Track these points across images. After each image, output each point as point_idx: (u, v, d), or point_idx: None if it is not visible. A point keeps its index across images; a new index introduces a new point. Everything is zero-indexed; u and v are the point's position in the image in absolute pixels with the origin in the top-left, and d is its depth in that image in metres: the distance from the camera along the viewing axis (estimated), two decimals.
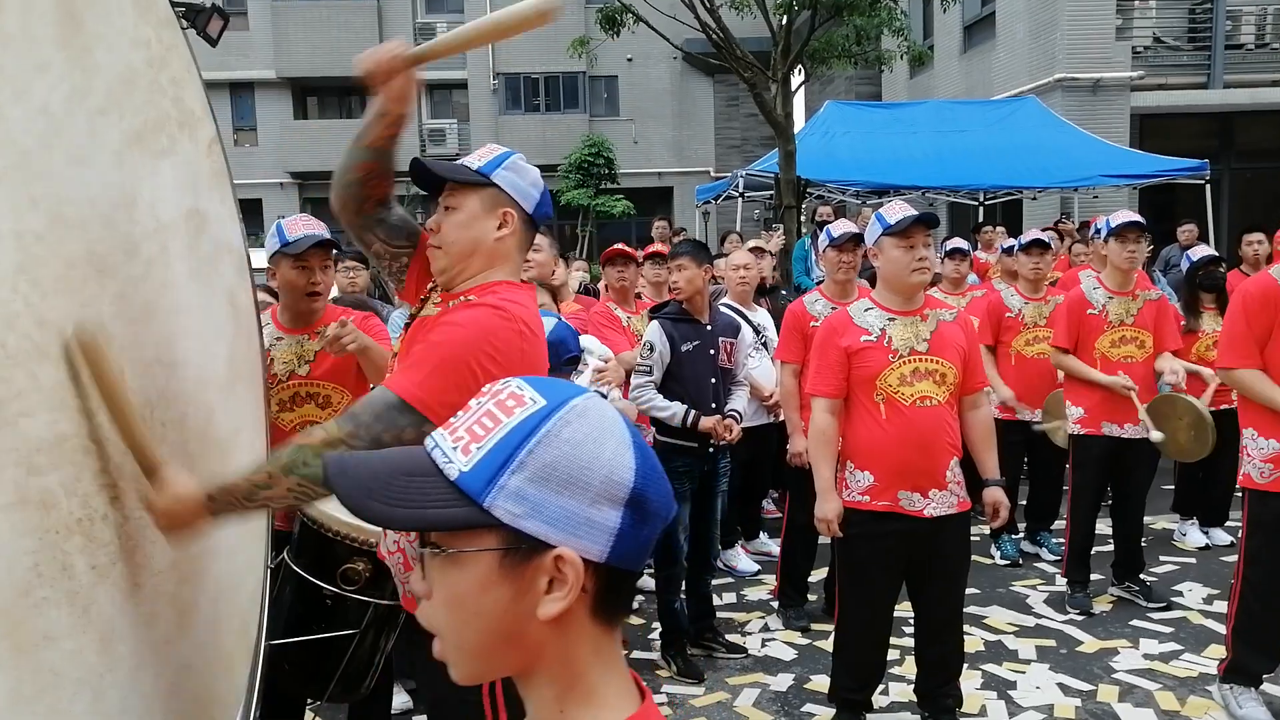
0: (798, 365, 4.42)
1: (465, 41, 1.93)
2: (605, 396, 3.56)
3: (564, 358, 2.90)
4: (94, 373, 1.33)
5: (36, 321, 1.20)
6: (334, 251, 3.19)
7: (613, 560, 0.83)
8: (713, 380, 4.07)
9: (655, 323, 4.09)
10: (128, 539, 1.39)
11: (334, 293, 5.17)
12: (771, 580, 5.17)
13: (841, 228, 4.47)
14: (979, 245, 9.00)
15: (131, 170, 1.53)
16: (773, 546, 5.70)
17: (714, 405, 4.04)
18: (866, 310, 3.32)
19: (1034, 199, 13.33)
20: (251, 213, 20.95)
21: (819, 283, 6.85)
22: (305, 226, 3.05)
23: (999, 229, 9.72)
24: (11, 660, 1.08)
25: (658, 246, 5.81)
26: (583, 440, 0.82)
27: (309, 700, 2.67)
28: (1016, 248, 5.76)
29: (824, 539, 3.61)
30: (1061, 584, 4.91)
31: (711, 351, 4.08)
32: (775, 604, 4.82)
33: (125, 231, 1.49)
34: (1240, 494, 3.50)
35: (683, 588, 4.17)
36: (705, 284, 4.10)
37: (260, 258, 3.04)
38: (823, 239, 4.59)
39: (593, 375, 3.53)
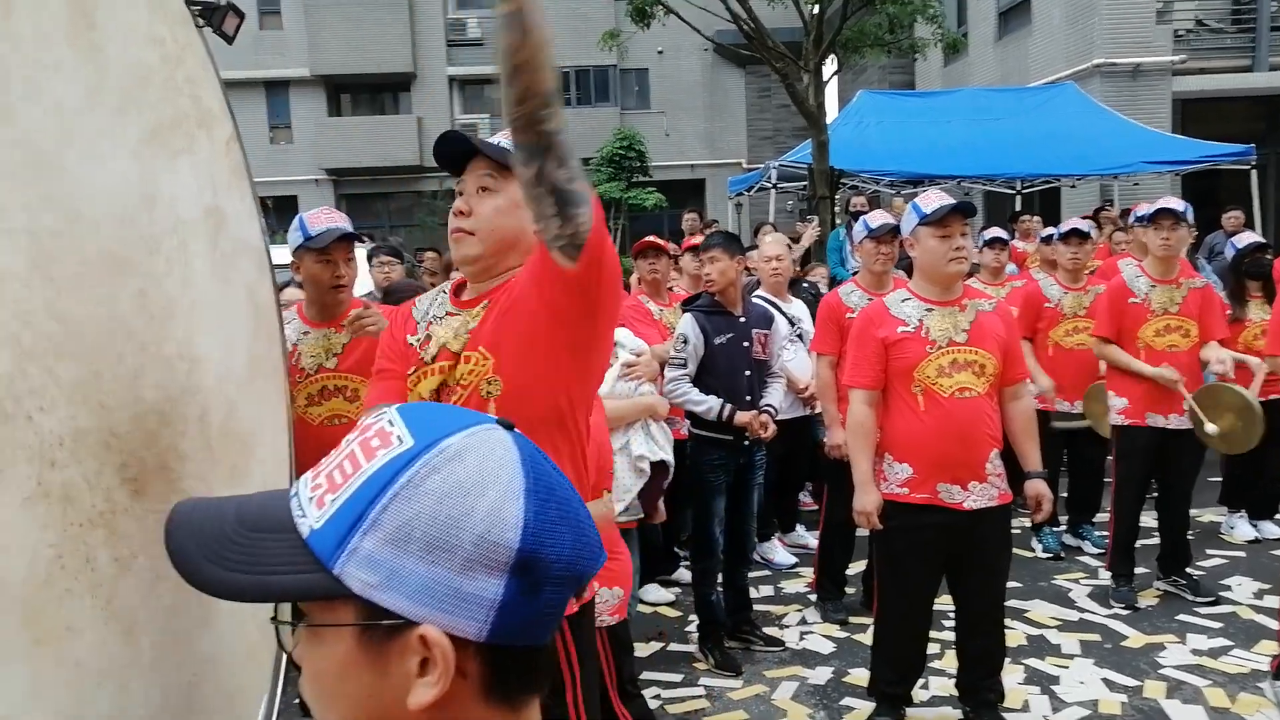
0: (834, 357, 4.38)
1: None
2: (635, 391, 3.52)
3: None
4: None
5: (54, 317, 1.22)
6: (356, 244, 3.18)
7: (496, 638, 0.67)
8: (747, 373, 4.05)
9: (688, 315, 4.07)
10: (150, 531, 1.40)
11: (368, 286, 5.21)
12: (808, 573, 5.14)
13: (879, 219, 4.42)
14: (1016, 234, 8.88)
15: (150, 168, 1.55)
16: (809, 539, 5.67)
17: (749, 398, 4.02)
18: (904, 301, 3.28)
19: (1073, 187, 13.14)
20: (287, 209, 21.16)
21: (854, 274, 6.79)
22: (327, 220, 3.06)
23: (1036, 218, 9.58)
24: (34, 652, 1.09)
25: (698, 239, 5.80)
26: (450, 491, 0.66)
27: None
28: (1055, 237, 5.67)
29: (861, 531, 3.59)
30: (1105, 578, 4.83)
31: (745, 343, 4.06)
32: (813, 597, 4.80)
33: (145, 229, 1.51)
34: None
35: (719, 580, 4.16)
36: (738, 275, 4.08)
37: (284, 254, 3.05)
38: (858, 230, 4.54)
39: (621, 369, 3.49)
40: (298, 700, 2.93)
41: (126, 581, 1.32)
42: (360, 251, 5.76)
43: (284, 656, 2.02)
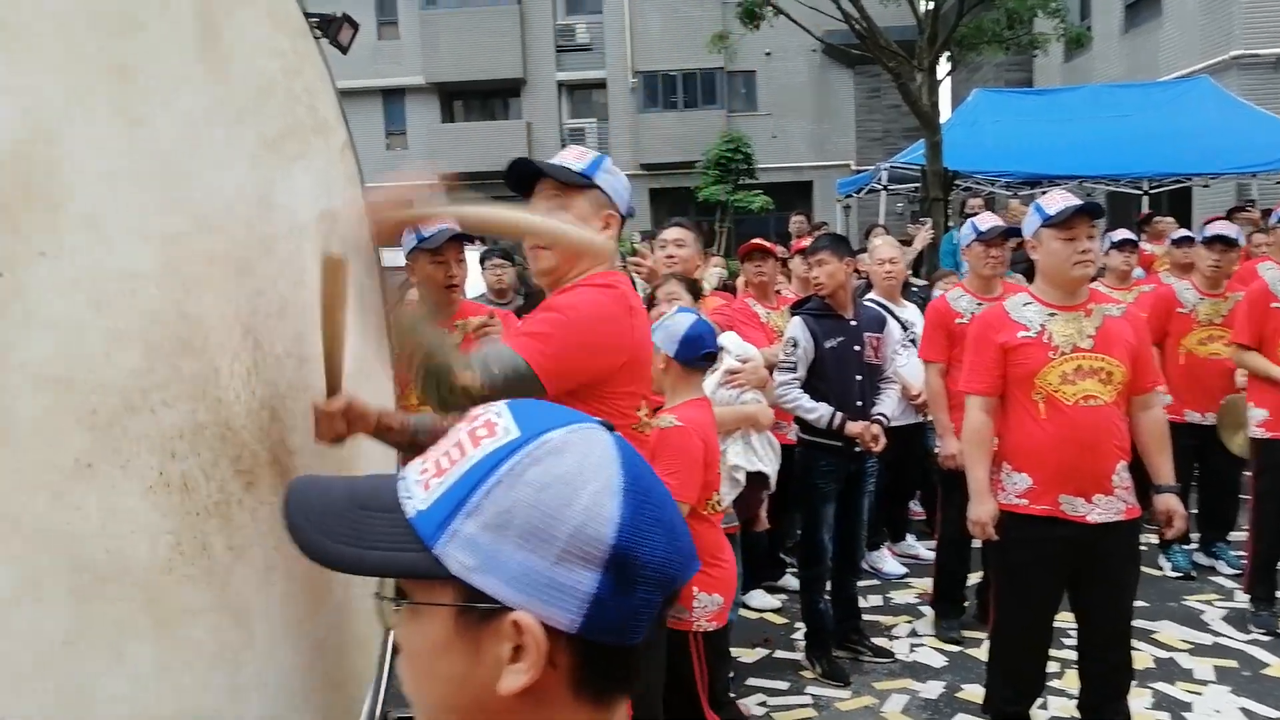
0: (943, 364, 4.28)
1: (512, 226, 1.98)
2: (737, 399, 3.47)
3: (699, 354, 2.89)
4: (327, 281, 1.47)
5: (180, 317, 1.28)
6: (468, 246, 3.25)
7: (589, 633, 0.68)
8: (858, 377, 3.97)
9: (797, 318, 4.02)
10: (262, 522, 1.46)
11: (480, 289, 5.34)
12: (919, 583, 5.03)
13: (988, 222, 4.31)
14: (1145, 236, 8.48)
15: (268, 174, 1.61)
16: (920, 549, 5.55)
17: (859, 404, 3.95)
18: (1025, 305, 3.17)
19: (1206, 186, 12.48)
20: None
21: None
22: (440, 221, 3.14)
23: (1170, 220, 9.13)
24: (155, 633, 1.15)
25: (806, 241, 5.74)
26: (550, 483, 0.68)
27: None
28: (1198, 240, 5.37)
29: (976, 543, 3.49)
30: (1242, 600, 4.57)
31: (856, 347, 3.98)
32: (925, 609, 4.68)
33: (262, 232, 1.57)
34: None
35: (827, 588, 4.11)
36: (847, 278, 4.01)
37: (394, 256, 3.15)
38: (966, 232, 4.42)
39: (723, 375, 3.44)
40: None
41: (240, 569, 1.37)
42: (472, 255, 5.91)
43: (390, 647, 2.09)
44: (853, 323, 4.01)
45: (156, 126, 1.28)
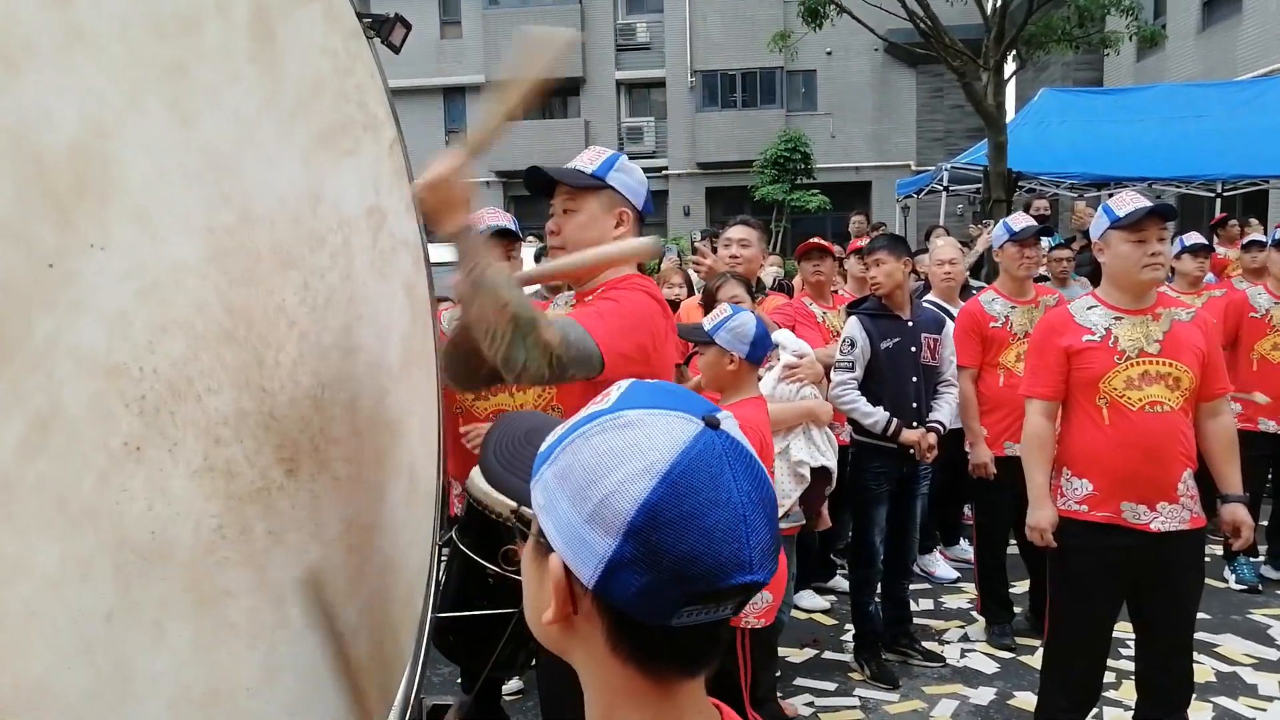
0: (975, 369, 4.21)
1: (570, 269, 2.04)
2: (796, 395, 3.45)
3: (764, 354, 2.89)
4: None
5: (225, 308, 1.32)
6: (523, 243, 3.27)
7: (602, 592, 0.74)
8: (914, 379, 3.91)
9: (854, 318, 3.98)
10: (301, 509, 1.50)
11: (536, 285, 5.36)
12: (971, 588, 4.94)
13: (1022, 221, 4.23)
14: (1218, 240, 8.21)
15: (317, 170, 1.65)
16: (972, 554, 5.45)
17: (915, 406, 3.89)
18: (1090, 308, 3.09)
19: None
20: None
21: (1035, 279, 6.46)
22: (491, 218, 3.19)
23: (1254, 221, 8.83)
24: (195, 612, 1.19)
25: (864, 241, 5.67)
26: (605, 452, 0.74)
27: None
28: (1270, 243, 5.20)
29: (1012, 549, 3.40)
30: None
31: (913, 349, 3.92)
32: (976, 615, 4.60)
33: (310, 226, 1.60)
34: None
35: (878, 591, 4.05)
36: (905, 278, 3.95)
37: (441, 252, 3.17)
38: (999, 233, 4.32)
39: (782, 371, 3.43)
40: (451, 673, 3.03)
41: (278, 553, 1.41)
42: (529, 250, 5.95)
43: (427, 631, 2.11)
44: (909, 323, 3.95)
45: (207, 124, 1.32)
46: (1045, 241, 5.53)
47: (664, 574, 0.72)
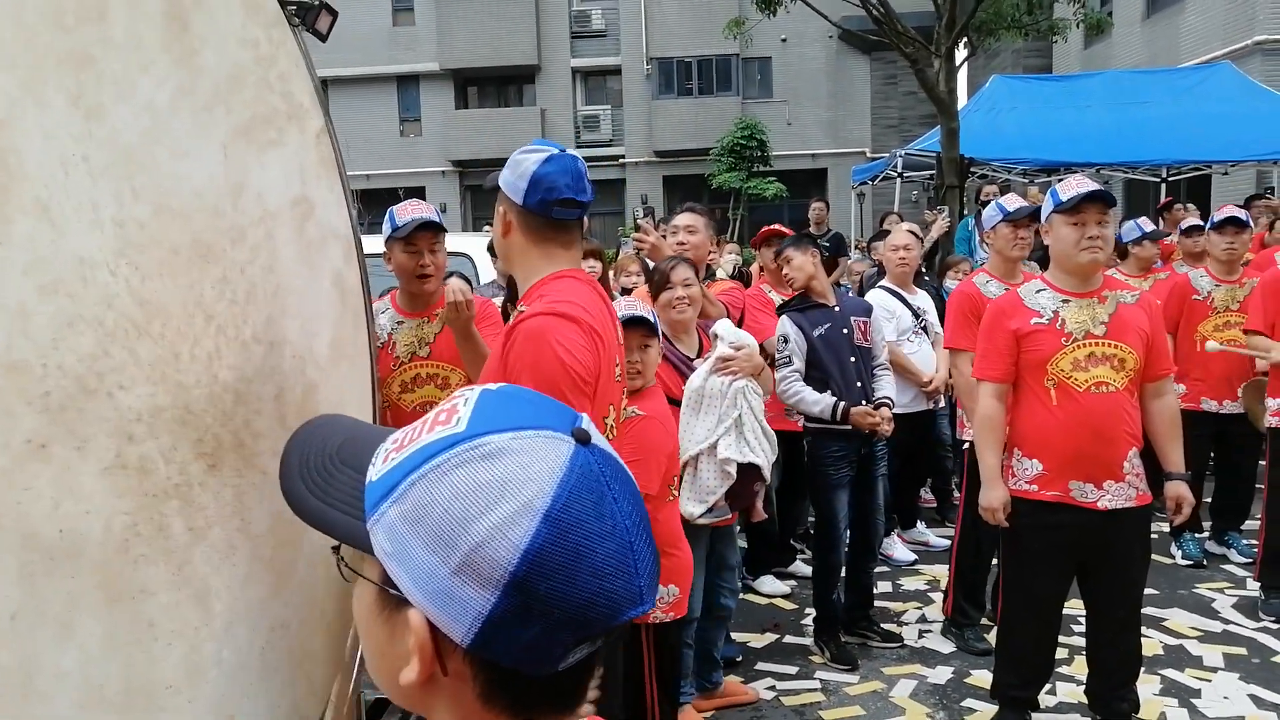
0: (974, 352, 4.19)
1: None
2: (728, 387, 3.38)
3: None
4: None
5: (136, 302, 1.28)
6: (444, 230, 3.21)
7: (481, 651, 0.64)
8: (853, 359, 3.96)
9: (783, 316, 4.04)
10: (226, 504, 1.47)
11: (492, 275, 5.30)
12: (928, 570, 5.01)
13: (1015, 202, 4.19)
14: (1164, 224, 8.36)
15: (238, 162, 1.61)
16: (930, 536, 5.52)
17: (859, 384, 3.92)
18: (1038, 292, 3.13)
19: (1225, 174, 12.34)
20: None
21: (983, 264, 6.52)
22: (414, 210, 3.12)
23: (1190, 206, 9.01)
24: (107, 609, 1.16)
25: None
26: (468, 490, 0.63)
27: None
28: (1208, 226, 5.29)
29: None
30: (1254, 588, 4.51)
31: (845, 330, 3.98)
32: (934, 595, 4.65)
33: (231, 219, 1.56)
34: None
35: (842, 576, 4.07)
36: (816, 267, 4.00)
37: (378, 243, 3.14)
38: (990, 214, 4.30)
39: (715, 363, 3.36)
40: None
41: (200, 550, 1.38)
42: (480, 240, 5.86)
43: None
44: (836, 309, 4.02)
45: (115, 115, 1.28)
46: None
47: (555, 624, 0.63)
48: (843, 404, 3.81)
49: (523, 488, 0.63)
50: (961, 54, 11.75)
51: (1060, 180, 3.58)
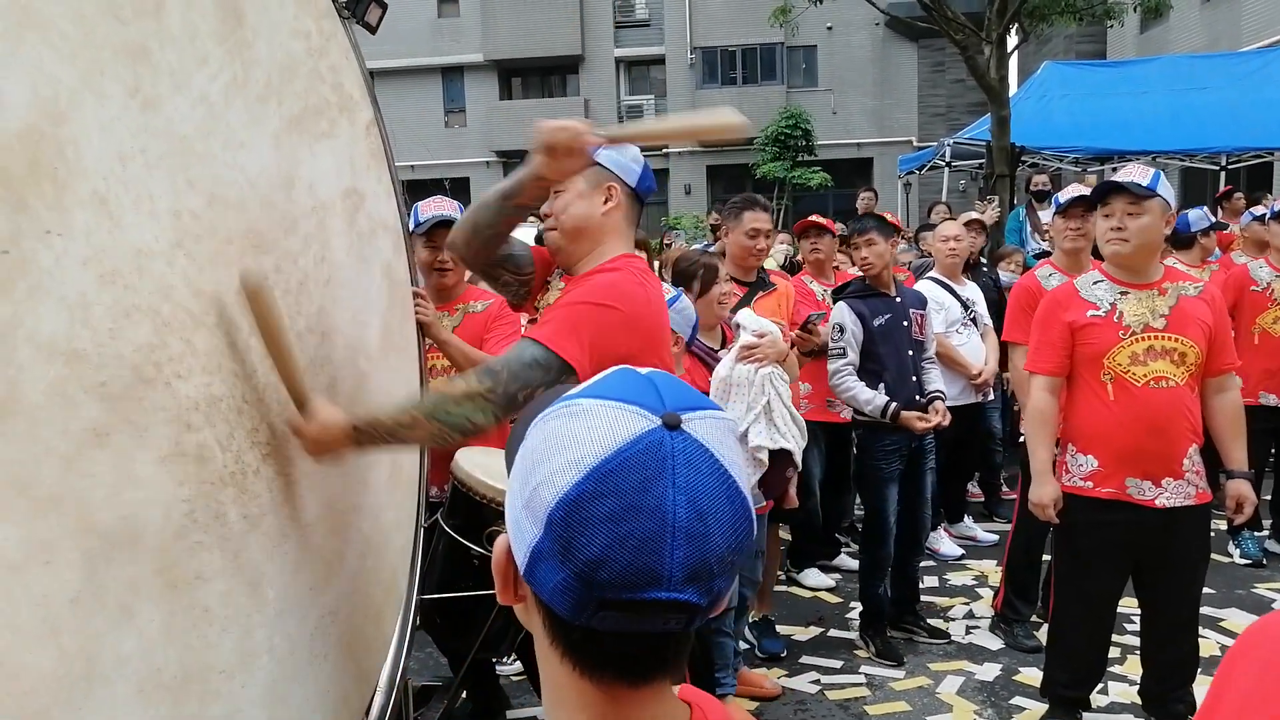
0: None
1: (656, 134, 2.03)
2: (755, 375, 3.36)
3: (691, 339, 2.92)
4: (256, 312, 1.44)
5: (192, 292, 1.30)
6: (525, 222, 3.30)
7: (530, 580, 0.72)
8: (910, 353, 3.92)
9: (841, 304, 3.96)
10: (278, 493, 1.49)
11: None
12: (976, 565, 4.94)
13: (1069, 193, 4.11)
14: (1223, 213, 8.14)
15: (290, 153, 1.62)
16: (978, 531, 5.44)
17: (914, 379, 3.88)
18: (1095, 283, 3.05)
19: None
20: (460, 191, 22.04)
21: (1036, 255, 6.40)
22: (435, 207, 3.25)
23: (1270, 196, 8.75)
24: (166, 595, 1.18)
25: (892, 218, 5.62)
26: (548, 438, 0.72)
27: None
28: (1269, 215, 5.14)
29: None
30: None
31: (905, 323, 3.93)
32: (982, 590, 4.58)
33: (284, 210, 1.58)
34: None
35: (889, 571, 4.03)
36: (893, 258, 3.95)
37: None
38: (1053, 208, 4.26)
39: (740, 352, 3.35)
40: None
41: (254, 538, 1.40)
42: (528, 231, 5.89)
43: (410, 618, 2.09)
44: (897, 300, 3.96)
45: (171, 107, 1.29)
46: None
47: (574, 574, 0.68)
48: (894, 405, 3.77)
49: (581, 445, 0.70)
50: (1013, 40, 11.51)
51: (1115, 169, 3.51)
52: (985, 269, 5.95)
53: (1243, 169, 12.39)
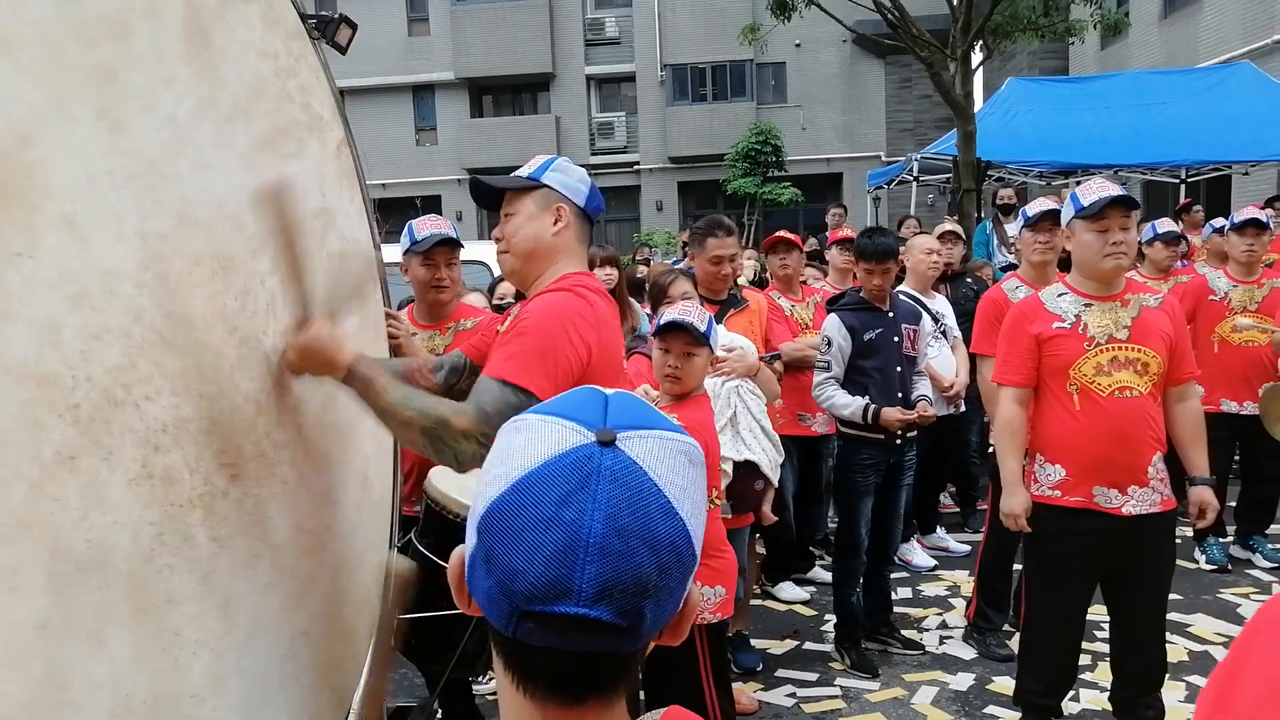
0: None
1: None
2: (721, 387, 3.39)
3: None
4: (279, 216, 1.46)
5: (162, 314, 1.30)
6: (458, 249, 3.31)
7: (470, 585, 0.74)
8: (899, 368, 3.93)
9: (833, 316, 3.97)
10: (247, 514, 1.49)
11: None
12: (948, 576, 4.98)
13: (1036, 207, 4.16)
14: (1183, 226, 8.29)
15: (259, 173, 1.62)
16: (950, 542, 5.49)
17: (900, 395, 3.90)
18: (1060, 295, 3.10)
19: (1245, 174, 12.22)
20: (431, 208, 21.95)
21: (1003, 267, 6.48)
22: (432, 225, 3.26)
23: (1198, 208, 8.94)
24: (135, 620, 1.17)
25: (845, 232, 5.67)
26: (494, 451, 0.75)
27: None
28: (1228, 227, 5.25)
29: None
30: None
31: (896, 339, 3.94)
32: (954, 601, 4.62)
33: (252, 231, 1.58)
34: None
35: (860, 582, 4.05)
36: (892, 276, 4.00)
37: (397, 253, 3.23)
38: (1020, 222, 4.31)
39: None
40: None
41: (224, 559, 1.39)
42: (491, 248, 5.89)
43: (382, 639, 2.08)
44: (890, 314, 3.97)
45: (139, 129, 1.29)
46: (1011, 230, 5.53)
47: (496, 582, 0.70)
48: (873, 406, 3.79)
49: (515, 458, 0.72)
50: (977, 57, 11.68)
51: (1080, 183, 3.56)
52: (969, 279, 6.01)
53: (1202, 181, 12.64)
